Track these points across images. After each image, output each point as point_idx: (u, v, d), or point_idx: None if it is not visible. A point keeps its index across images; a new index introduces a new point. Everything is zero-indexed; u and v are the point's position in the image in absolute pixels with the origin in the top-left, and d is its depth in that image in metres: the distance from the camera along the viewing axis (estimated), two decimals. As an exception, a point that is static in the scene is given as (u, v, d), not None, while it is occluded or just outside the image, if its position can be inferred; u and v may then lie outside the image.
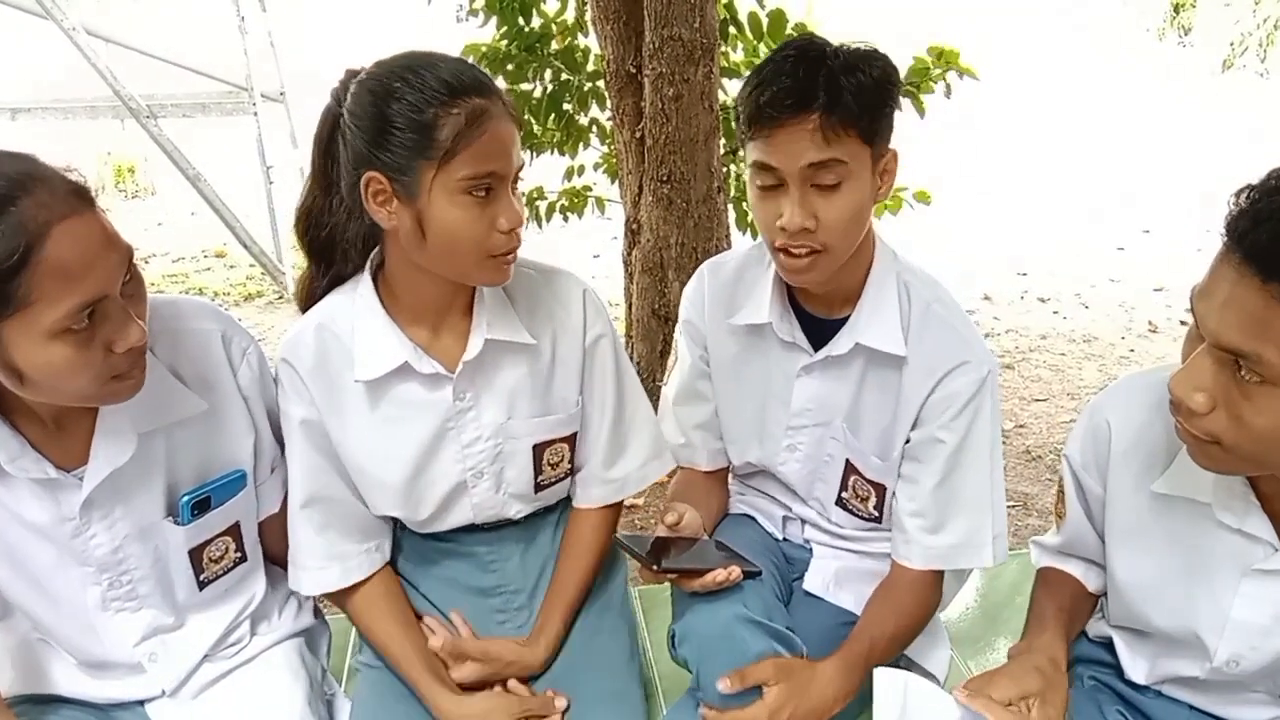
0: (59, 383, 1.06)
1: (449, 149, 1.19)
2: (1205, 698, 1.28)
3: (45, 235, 0.98)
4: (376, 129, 1.21)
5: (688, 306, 1.61)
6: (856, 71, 1.26)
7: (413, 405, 1.39)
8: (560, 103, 3.89)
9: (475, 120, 1.20)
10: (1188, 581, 1.20)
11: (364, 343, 1.36)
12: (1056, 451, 3.82)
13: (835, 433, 1.51)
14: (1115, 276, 6.43)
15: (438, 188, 1.21)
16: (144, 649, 1.32)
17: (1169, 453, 1.19)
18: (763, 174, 1.31)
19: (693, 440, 1.64)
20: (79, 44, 6.15)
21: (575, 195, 4.17)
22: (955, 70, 3.38)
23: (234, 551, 1.37)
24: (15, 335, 1.01)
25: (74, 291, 1.01)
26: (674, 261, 3.43)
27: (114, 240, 1.06)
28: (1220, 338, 0.94)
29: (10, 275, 0.97)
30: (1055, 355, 5.00)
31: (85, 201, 1.04)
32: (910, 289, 1.44)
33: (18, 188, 0.99)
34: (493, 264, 1.28)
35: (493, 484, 1.46)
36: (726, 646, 1.31)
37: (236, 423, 1.33)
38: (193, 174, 6.44)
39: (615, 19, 3.39)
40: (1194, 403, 0.98)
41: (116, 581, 1.27)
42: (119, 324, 1.07)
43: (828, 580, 1.56)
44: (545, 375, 1.45)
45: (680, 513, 1.40)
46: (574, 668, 1.48)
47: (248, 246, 6.56)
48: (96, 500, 1.20)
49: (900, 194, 3.63)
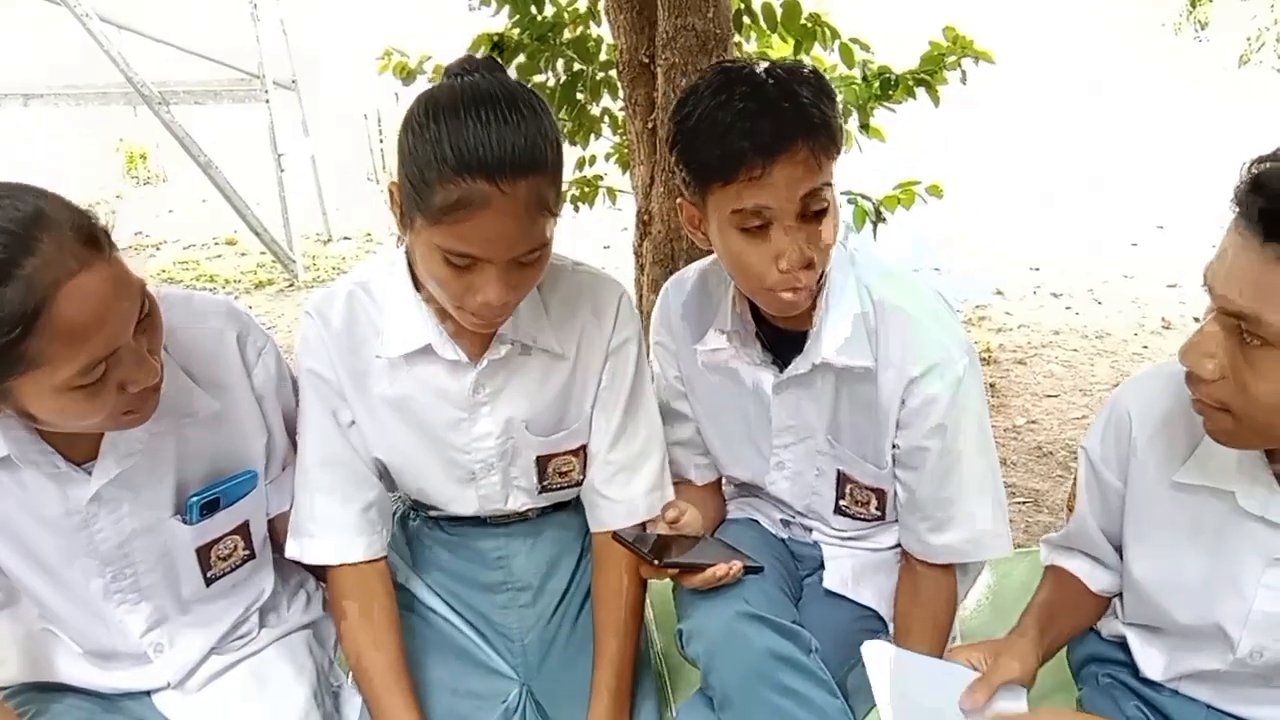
0: (71, 424, 1.07)
1: (434, 216, 1.15)
2: (1224, 695, 1.27)
3: (53, 296, 0.95)
4: (403, 149, 1.19)
5: (658, 328, 1.59)
6: (808, 86, 1.24)
7: (430, 388, 1.38)
8: (572, 92, 3.87)
9: (467, 204, 1.12)
10: (1210, 573, 1.20)
11: (392, 319, 1.36)
12: (1068, 448, 3.80)
13: (821, 446, 1.49)
14: (1129, 272, 6.39)
15: (419, 238, 1.20)
16: (150, 639, 1.31)
17: (1191, 443, 1.20)
18: (749, 218, 1.25)
19: (676, 457, 1.61)
20: (92, 30, 6.16)
21: (587, 185, 4.16)
22: (971, 56, 3.33)
23: (242, 549, 1.37)
24: (27, 389, 1.00)
25: (84, 351, 0.99)
26: (685, 253, 3.41)
27: (125, 288, 1.03)
28: (1224, 301, 0.98)
29: (18, 340, 0.94)
30: (1067, 351, 4.97)
31: (95, 250, 1.00)
32: (871, 289, 1.39)
33: (24, 244, 0.94)
34: (464, 317, 1.25)
35: (500, 479, 1.46)
36: (732, 643, 1.31)
37: (249, 423, 1.33)
38: (204, 161, 6.45)
39: (628, 8, 3.37)
40: (1202, 369, 1.02)
41: (120, 574, 1.26)
42: (132, 366, 1.05)
43: (846, 577, 1.54)
44: (565, 383, 1.43)
45: (681, 510, 1.40)
46: (584, 668, 1.46)
47: (259, 234, 6.57)
48: (104, 495, 1.20)
49: (913, 188, 3.60)
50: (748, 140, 1.20)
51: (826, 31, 3.46)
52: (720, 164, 1.23)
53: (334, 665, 1.53)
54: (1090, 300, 5.87)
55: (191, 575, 1.31)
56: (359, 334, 1.37)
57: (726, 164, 1.22)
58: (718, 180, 1.24)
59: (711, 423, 1.58)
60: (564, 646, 1.50)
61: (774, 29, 3.56)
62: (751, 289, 1.34)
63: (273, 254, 6.65)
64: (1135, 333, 5.26)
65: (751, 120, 1.20)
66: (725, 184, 1.24)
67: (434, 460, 1.44)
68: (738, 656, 1.30)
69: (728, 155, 1.21)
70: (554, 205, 1.19)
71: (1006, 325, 5.41)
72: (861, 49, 3.49)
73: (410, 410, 1.40)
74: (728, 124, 1.21)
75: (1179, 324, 5.36)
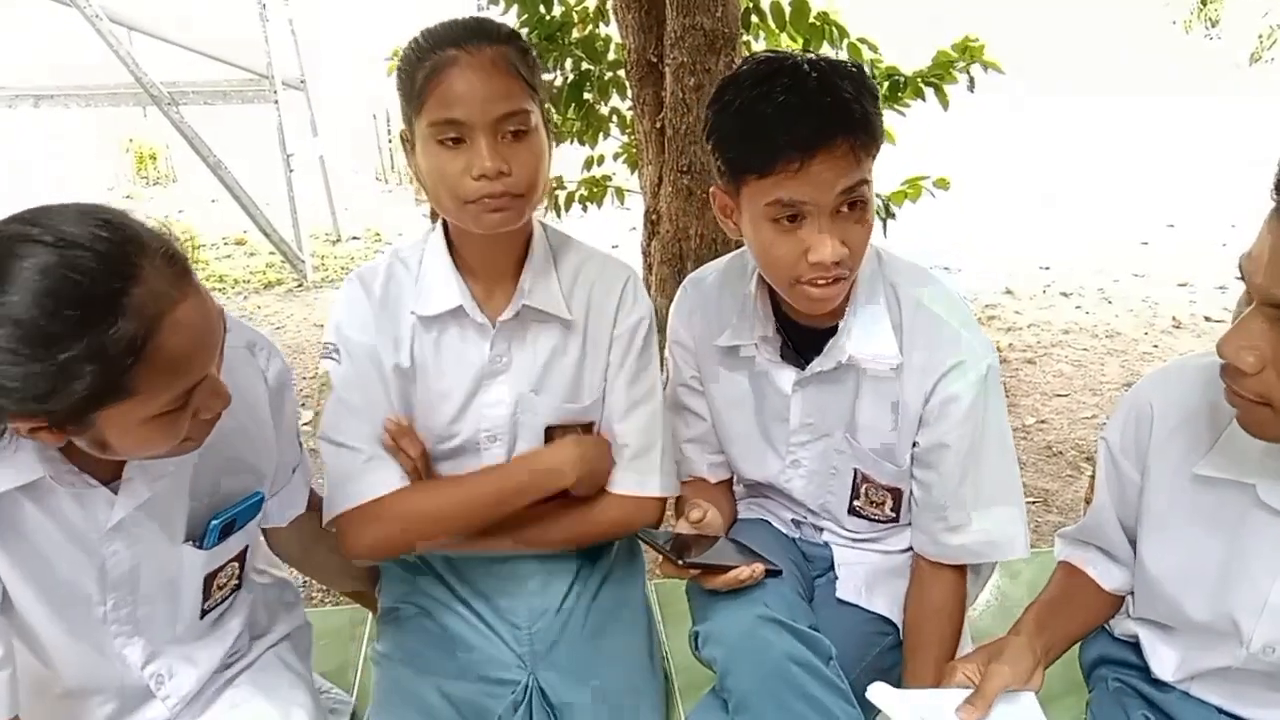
0: (143, 452, 1.04)
1: (419, 98, 1.26)
2: (1235, 697, 1.26)
3: (159, 327, 0.92)
4: (398, 87, 1.32)
5: (676, 326, 1.59)
6: (850, 80, 1.23)
7: (456, 352, 1.43)
8: (581, 92, 3.88)
9: (439, 69, 1.24)
10: (1225, 566, 1.19)
11: (428, 280, 1.42)
12: (1078, 447, 3.79)
13: (839, 444, 1.48)
14: (1139, 271, 6.37)
15: (418, 137, 1.30)
16: (150, 670, 1.26)
17: (1212, 435, 1.19)
18: (783, 211, 1.25)
19: (690, 454, 1.62)
20: (102, 31, 6.18)
21: (595, 185, 4.17)
22: (980, 64, 3.34)
23: (235, 579, 1.34)
24: (114, 418, 0.96)
25: (178, 381, 0.97)
26: (693, 253, 3.41)
27: (212, 315, 1.01)
28: (1269, 292, 0.94)
29: (124, 370, 0.92)
30: (1078, 350, 4.96)
31: (186, 276, 0.98)
32: (897, 289, 1.40)
33: (129, 272, 0.91)
34: (475, 210, 1.30)
35: (505, 451, 1.47)
36: (751, 647, 1.30)
37: (263, 433, 1.30)
38: (213, 161, 6.46)
39: (637, 8, 3.37)
40: (1243, 362, 0.98)
41: (121, 602, 1.20)
42: (209, 393, 1.03)
43: (859, 586, 1.52)
44: (577, 354, 1.46)
45: (704, 509, 1.39)
46: (592, 661, 1.47)
47: (268, 234, 6.58)
48: (125, 523, 1.15)
49: (921, 182, 3.60)
50: (787, 135, 1.19)
51: (835, 30, 3.47)
52: (758, 157, 1.23)
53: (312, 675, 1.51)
54: (1100, 299, 5.85)
55: (191, 606, 1.27)
56: (395, 294, 1.43)
57: (764, 157, 1.22)
58: (754, 173, 1.24)
59: (728, 421, 1.58)
60: (573, 637, 1.50)
61: (782, 28, 3.57)
62: (781, 283, 1.33)
63: (282, 254, 6.67)
64: (1145, 332, 5.25)
65: (791, 114, 1.19)
66: (761, 176, 1.24)
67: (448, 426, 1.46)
68: (757, 661, 1.29)
69: (766, 148, 1.21)
70: (528, 76, 1.29)
71: (1016, 324, 5.40)
72: (870, 49, 3.49)
73: (435, 374, 1.44)
74: (767, 116, 1.20)
75: (1189, 323, 5.35)
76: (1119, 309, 5.64)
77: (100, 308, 0.89)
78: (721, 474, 1.65)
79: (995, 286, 6.06)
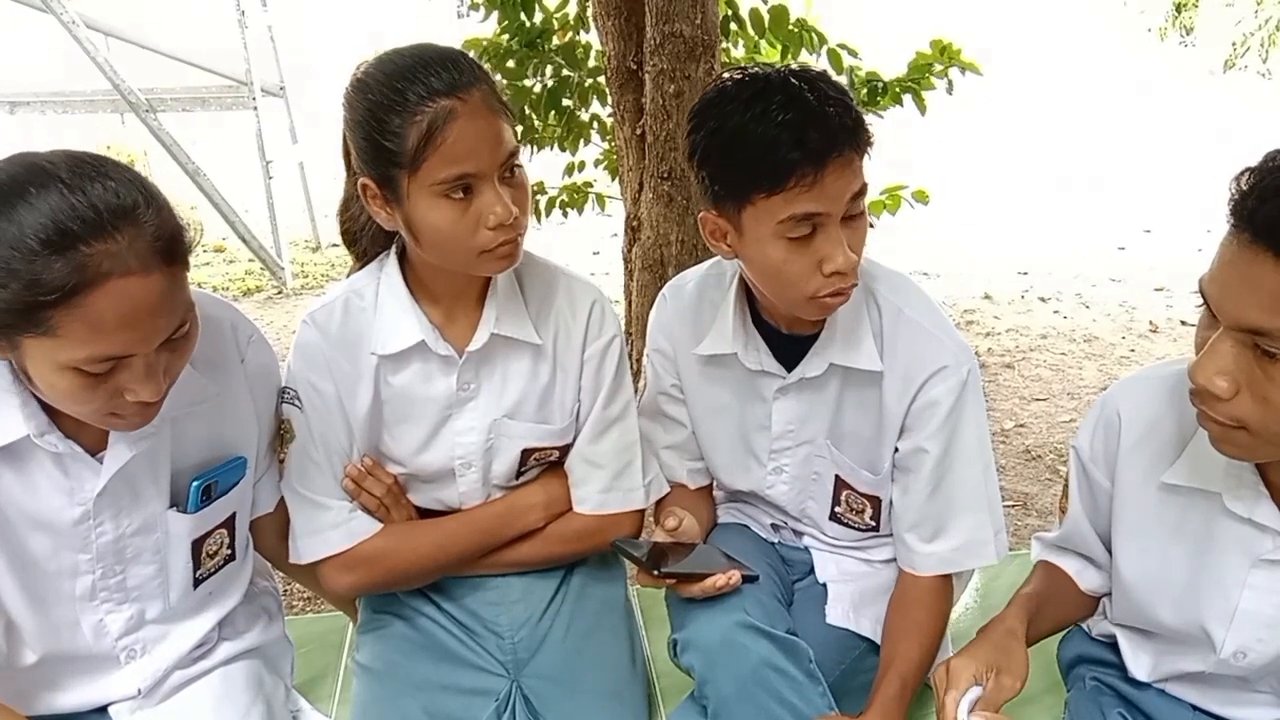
0: (58, 401, 1.07)
1: (414, 158, 1.20)
2: (1209, 696, 1.27)
3: (96, 285, 0.97)
4: (360, 136, 1.25)
5: (656, 334, 1.59)
6: (834, 89, 1.24)
7: (421, 385, 1.41)
8: (561, 99, 3.87)
9: (437, 125, 1.19)
10: (1195, 573, 1.20)
11: (385, 319, 1.39)
12: (1056, 451, 3.81)
13: (820, 450, 1.49)
14: (1116, 276, 6.42)
15: (415, 194, 1.24)
16: (124, 644, 1.29)
17: (1179, 444, 1.20)
18: (798, 226, 1.24)
19: (669, 461, 1.62)
20: (78, 37, 6.14)
21: (575, 191, 4.16)
22: (958, 66, 3.36)
23: (226, 548, 1.36)
24: (34, 351, 1.00)
25: (99, 344, 1.00)
26: (674, 259, 3.41)
27: (170, 305, 1.04)
28: (1240, 319, 0.94)
29: (46, 306, 0.96)
30: (1056, 355, 4.99)
31: (164, 260, 1.02)
32: (877, 296, 1.41)
33: (99, 228, 0.97)
34: (488, 258, 1.28)
35: (480, 476, 1.48)
36: (729, 653, 1.30)
37: (241, 408, 1.33)
38: (192, 168, 6.43)
39: (616, 15, 3.37)
40: (1217, 388, 0.97)
41: (110, 571, 1.24)
42: (140, 376, 1.05)
43: (847, 610, 1.51)
44: (547, 379, 1.45)
45: (680, 517, 1.39)
46: (575, 666, 1.47)
47: (247, 241, 6.56)
48: (109, 488, 1.19)
49: (899, 193, 3.62)
50: (798, 150, 1.19)
51: (814, 37, 3.48)
52: (768, 175, 1.22)
53: (290, 692, 1.51)
54: (1078, 304, 5.90)
55: (182, 574, 1.30)
56: (353, 336, 1.40)
57: (776, 174, 1.21)
58: (763, 191, 1.23)
59: (709, 429, 1.58)
60: (556, 643, 1.50)
61: (761, 35, 3.58)
62: (793, 298, 1.32)
63: (261, 261, 6.64)
64: (1123, 336, 5.29)
65: (799, 130, 1.19)
66: (771, 194, 1.23)
67: (417, 458, 1.45)
68: (734, 667, 1.29)
69: (778, 166, 1.20)
70: (506, 111, 1.27)
71: (995, 329, 5.43)
72: (850, 54, 3.51)
73: (399, 412, 1.43)
74: (773, 136, 1.20)
75: (1166, 327, 5.39)
76: (1096, 314, 5.69)
77: (52, 244, 0.95)
78: (701, 480, 1.65)
79: (974, 292, 6.10)
